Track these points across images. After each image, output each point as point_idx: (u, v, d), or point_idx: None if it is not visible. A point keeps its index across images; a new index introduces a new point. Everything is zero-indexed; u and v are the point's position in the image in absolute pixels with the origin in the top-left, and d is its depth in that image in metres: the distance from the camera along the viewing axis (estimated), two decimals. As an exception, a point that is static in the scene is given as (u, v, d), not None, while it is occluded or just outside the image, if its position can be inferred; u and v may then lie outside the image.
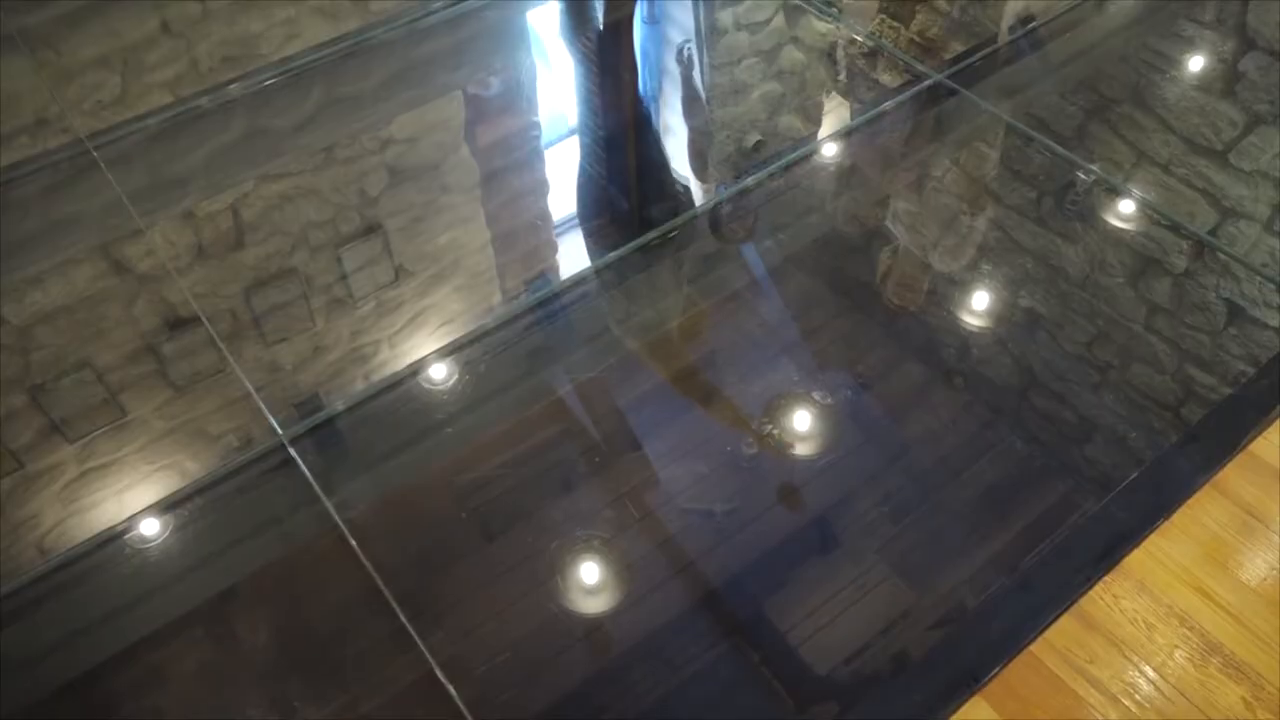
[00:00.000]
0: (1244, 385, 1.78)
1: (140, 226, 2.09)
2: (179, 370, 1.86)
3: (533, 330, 1.93)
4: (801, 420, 1.76)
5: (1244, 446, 1.63)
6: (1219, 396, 1.78)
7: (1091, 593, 1.44)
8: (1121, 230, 2.08)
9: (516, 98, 2.45)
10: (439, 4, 2.62)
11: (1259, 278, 1.96)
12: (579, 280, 2.00)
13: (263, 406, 1.78)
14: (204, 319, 1.93)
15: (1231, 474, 1.59)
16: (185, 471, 1.70)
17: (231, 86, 2.38)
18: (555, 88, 2.50)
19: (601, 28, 2.46)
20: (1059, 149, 2.22)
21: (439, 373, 1.85)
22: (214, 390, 1.82)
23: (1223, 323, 1.91)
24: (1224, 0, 2.60)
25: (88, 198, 2.16)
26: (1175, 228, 2.06)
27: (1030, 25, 2.54)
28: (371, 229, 2.10)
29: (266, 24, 2.54)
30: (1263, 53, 2.44)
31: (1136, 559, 1.48)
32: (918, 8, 2.59)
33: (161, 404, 1.81)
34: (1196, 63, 2.45)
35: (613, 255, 2.04)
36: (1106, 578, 1.46)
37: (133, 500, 1.67)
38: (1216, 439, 1.68)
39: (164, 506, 1.65)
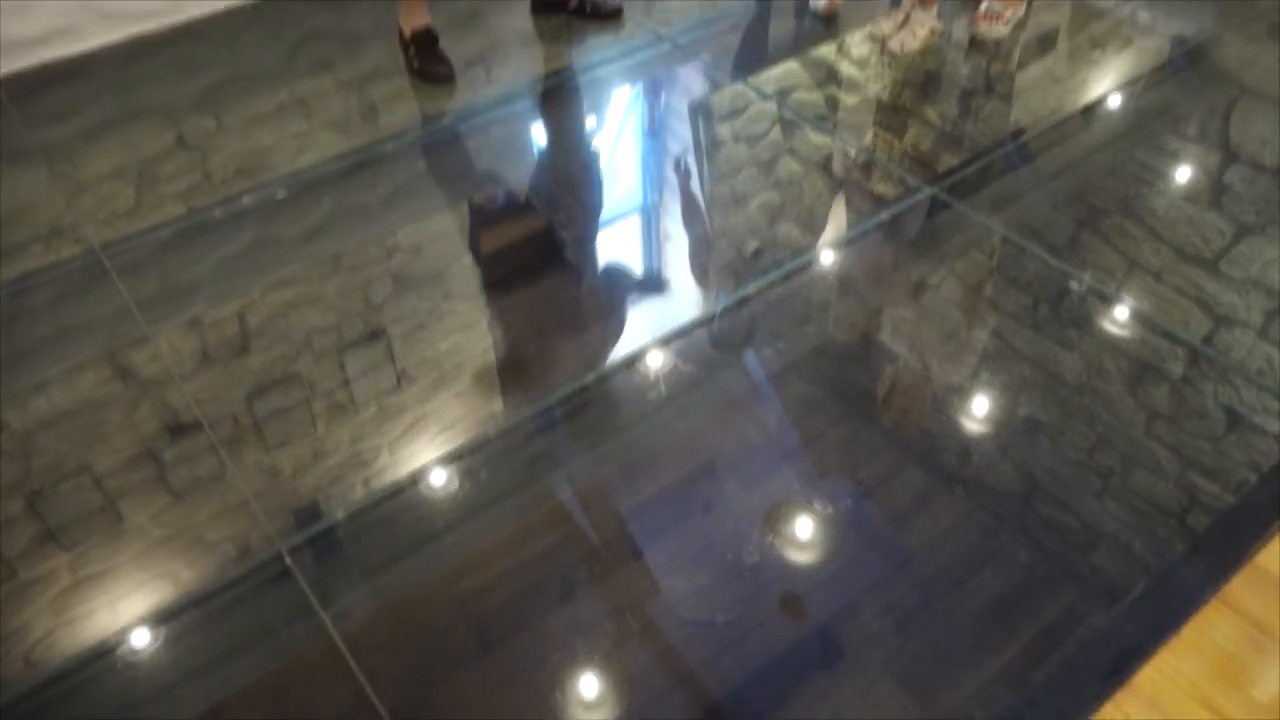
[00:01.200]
0: (1247, 494, 1.78)
1: (147, 333, 2.12)
2: (178, 476, 1.86)
3: (534, 437, 1.94)
4: (803, 528, 1.75)
5: (1250, 558, 1.62)
6: (1223, 504, 1.77)
7: (1102, 711, 1.41)
8: (1117, 337, 2.10)
9: (519, 204, 2.51)
10: (446, 120, 2.71)
11: (1255, 386, 1.97)
12: (579, 388, 2.01)
13: (261, 515, 1.77)
14: (205, 424, 1.93)
15: (1238, 587, 1.57)
16: (180, 581, 1.68)
17: (244, 198, 2.44)
18: (558, 192, 2.56)
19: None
20: (1053, 259, 2.26)
21: (439, 479, 1.84)
22: (213, 497, 1.82)
23: (1223, 430, 1.91)
24: (1206, 116, 2.68)
25: (97, 305, 2.19)
26: (1170, 335, 2.08)
27: (1020, 138, 2.62)
28: (375, 335, 2.13)
29: (279, 137, 2.62)
30: (1246, 165, 2.51)
31: (1146, 675, 1.45)
32: (910, 121, 2.68)
33: (159, 510, 1.80)
34: (1183, 175, 2.51)
35: (615, 362, 2.06)
36: (1117, 695, 1.43)
37: (125, 611, 1.64)
38: (1222, 550, 1.67)
39: (157, 619, 1.63)
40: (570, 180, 2.59)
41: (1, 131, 2.65)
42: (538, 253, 2.40)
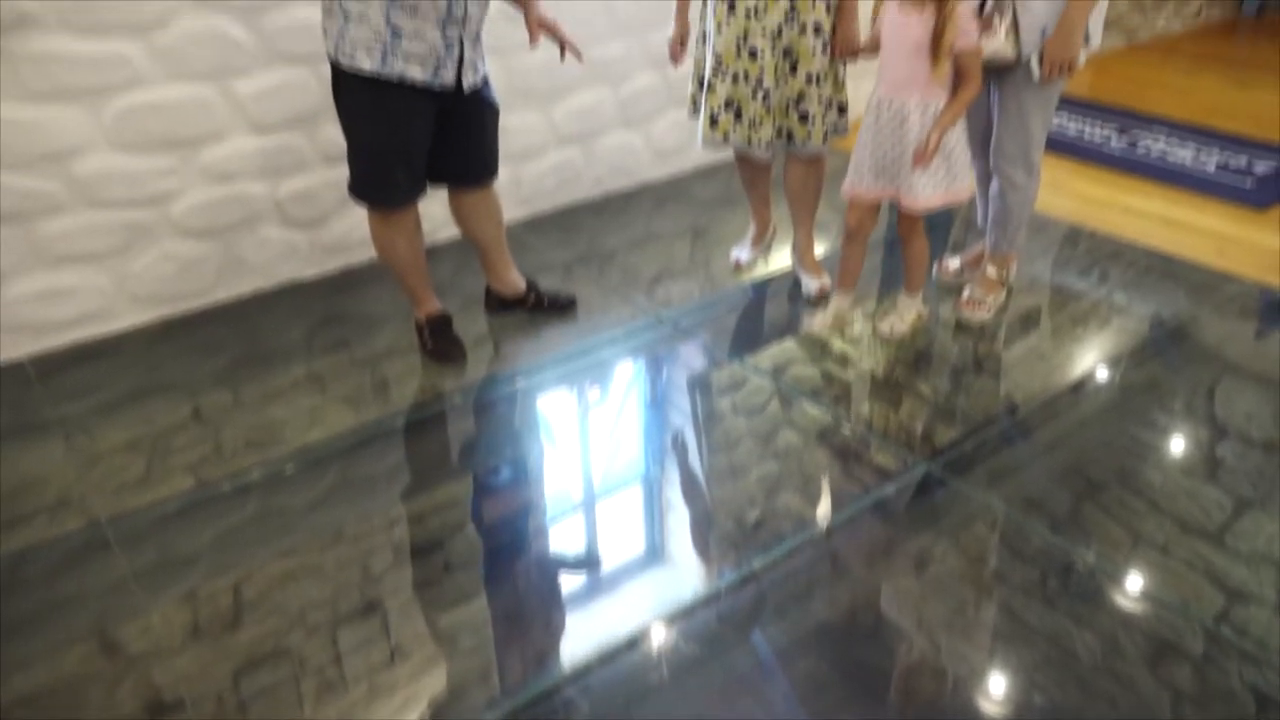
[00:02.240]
0: (1287, 785, 1.66)
1: (141, 606, 2.08)
2: (153, 763, 1.76)
3: None
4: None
5: None
6: (1264, 798, 1.66)
7: None
8: (1131, 613, 2.05)
9: (522, 478, 2.54)
10: (457, 398, 2.81)
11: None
12: (581, 670, 1.95)
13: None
14: (187, 704, 1.85)
15: None
16: None
17: (252, 471, 2.48)
18: (561, 467, 2.60)
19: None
20: (1056, 534, 2.26)
21: (427, 767, 1.74)
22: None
23: (1253, 712, 1.82)
24: (1191, 393, 2.77)
25: (95, 577, 2.17)
26: (1185, 611, 2.03)
27: (1014, 414, 2.69)
28: (371, 607, 2.09)
29: (292, 412, 2.71)
30: (1236, 440, 2.56)
31: None
32: (904, 396, 2.76)
33: (128, 802, 1.69)
34: (1176, 448, 2.56)
35: (616, 642, 2.01)
36: None
37: None
38: None
39: None
40: (572, 453, 2.64)
41: (25, 406, 2.74)
42: (540, 526, 2.40)
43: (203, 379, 2.86)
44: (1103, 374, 2.88)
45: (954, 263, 3.36)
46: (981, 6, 2.65)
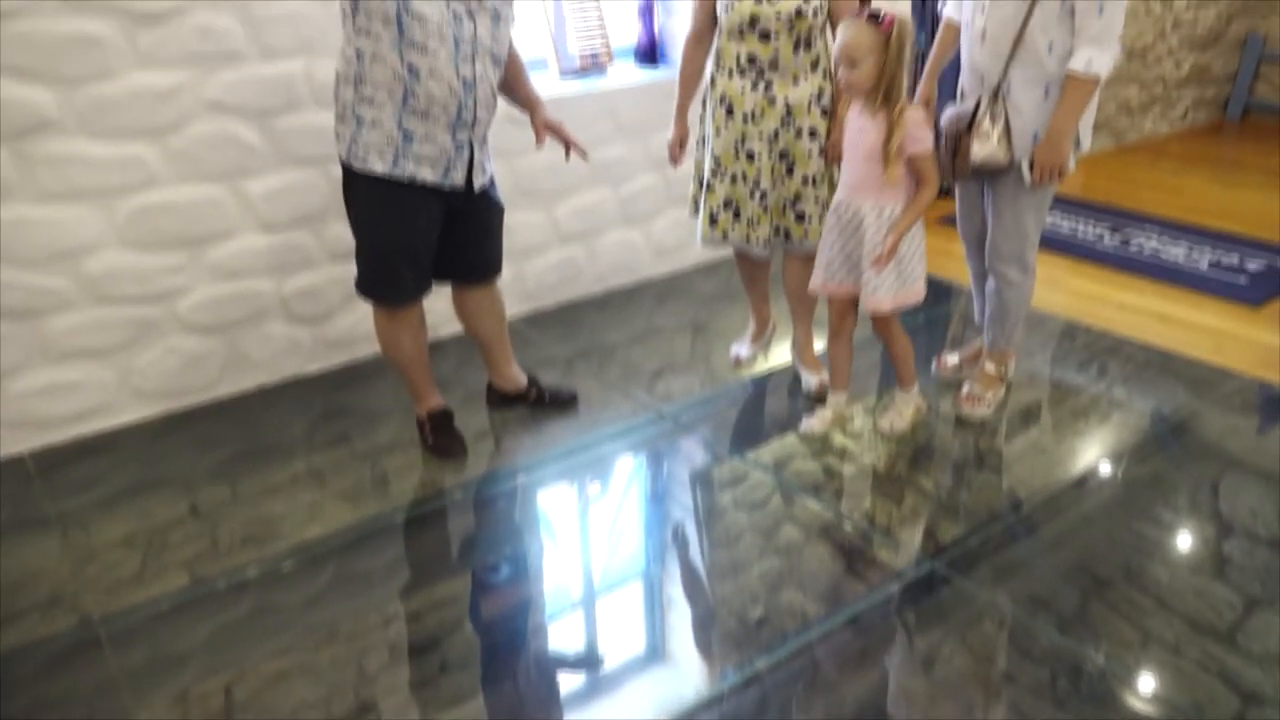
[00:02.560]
0: None
1: (130, 708, 2.03)
2: None
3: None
4: None
5: None
6: None
7: None
8: (1143, 717, 2.00)
9: (522, 575, 2.51)
10: (457, 494, 2.79)
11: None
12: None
13: None
14: (174, 813, 1.80)
15: None
16: None
17: (248, 569, 2.45)
18: (561, 563, 2.57)
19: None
20: (1064, 633, 2.22)
21: None
22: None
23: (1274, 822, 1.76)
24: (1195, 489, 2.75)
25: (84, 677, 2.13)
26: (1201, 714, 1.98)
27: (1018, 510, 2.67)
28: (365, 708, 2.04)
29: (290, 507, 2.69)
30: (1242, 537, 2.53)
31: None
32: (906, 491, 2.75)
33: None
34: (1182, 545, 2.53)
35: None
36: None
37: None
38: None
39: None
40: (571, 551, 2.62)
41: (24, 501, 2.73)
42: (539, 624, 2.36)
43: (202, 474, 2.85)
44: (1105, 469, 2.87)
45: (952, 359, 3.38)
46: (975, 113, 2.74)
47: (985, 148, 2.73)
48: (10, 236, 2.74)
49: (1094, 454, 2.94)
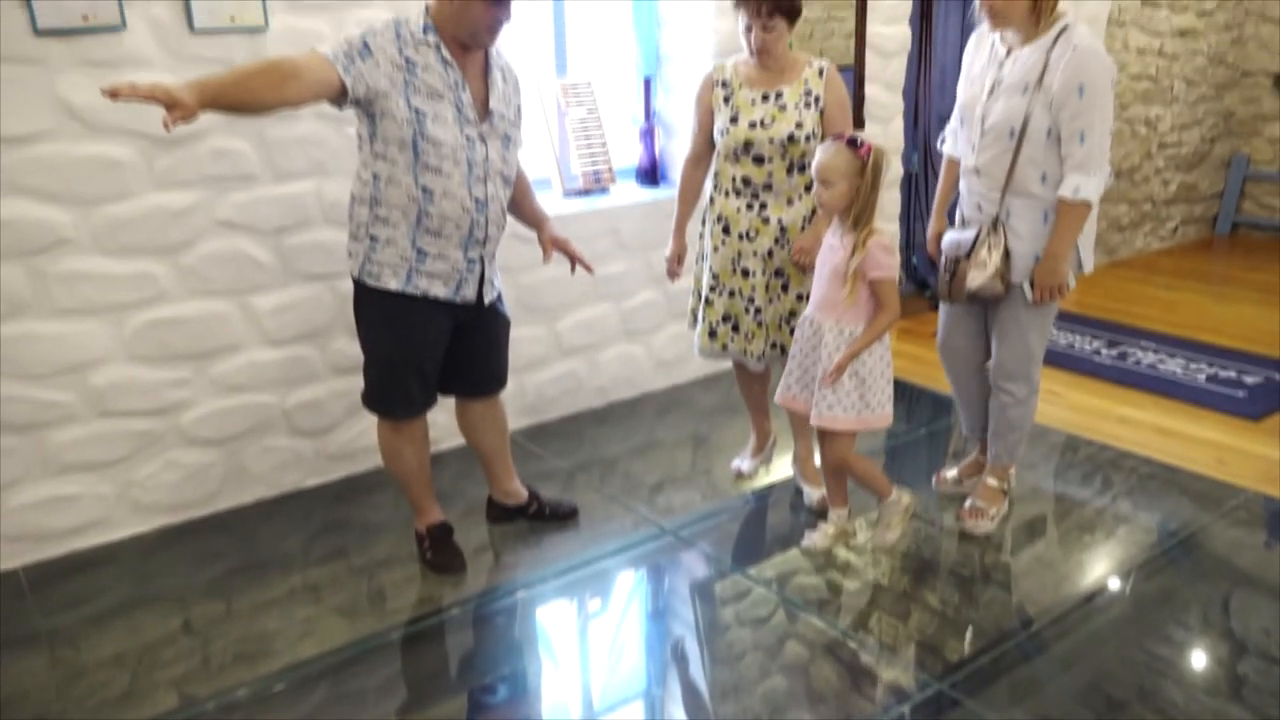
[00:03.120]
0: None
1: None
2: None
3: None
4: None
5: None
6: None
7: None
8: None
9: (520, 694, 2.44)
10: (455, 610, 2.75)
11: None
12: None
13: None
14: None
15: None
16: None
17: (239, 690, 2.39)
18: (561, 682, 2.51)
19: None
20: (1077, 754, 2.15)
21: None
22: None
23: None
24: (1206, 606, 2.71)
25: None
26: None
27: (1028, 628, 2.62)
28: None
29: (285, 623, 2.65)
30: (1256, 657, 2.48)
31: None
32: (912, 607, 2.70)
33: None
34: (1197, 664, 2.48)
35: None
36: None
37: None
38: None
39: None
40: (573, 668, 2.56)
41: (15, 618, 2.68)
42: (536, 746, 2.29)
43: (196, 589, 2.81)
44: (1114, 585, 2.83)
45: (950, 473, 3.37)
46: (974, 242, 2.80)
47: (981, 276, 2.78)
48: (18, 351, 2.77)
49: (1102, 569, 2.90)
